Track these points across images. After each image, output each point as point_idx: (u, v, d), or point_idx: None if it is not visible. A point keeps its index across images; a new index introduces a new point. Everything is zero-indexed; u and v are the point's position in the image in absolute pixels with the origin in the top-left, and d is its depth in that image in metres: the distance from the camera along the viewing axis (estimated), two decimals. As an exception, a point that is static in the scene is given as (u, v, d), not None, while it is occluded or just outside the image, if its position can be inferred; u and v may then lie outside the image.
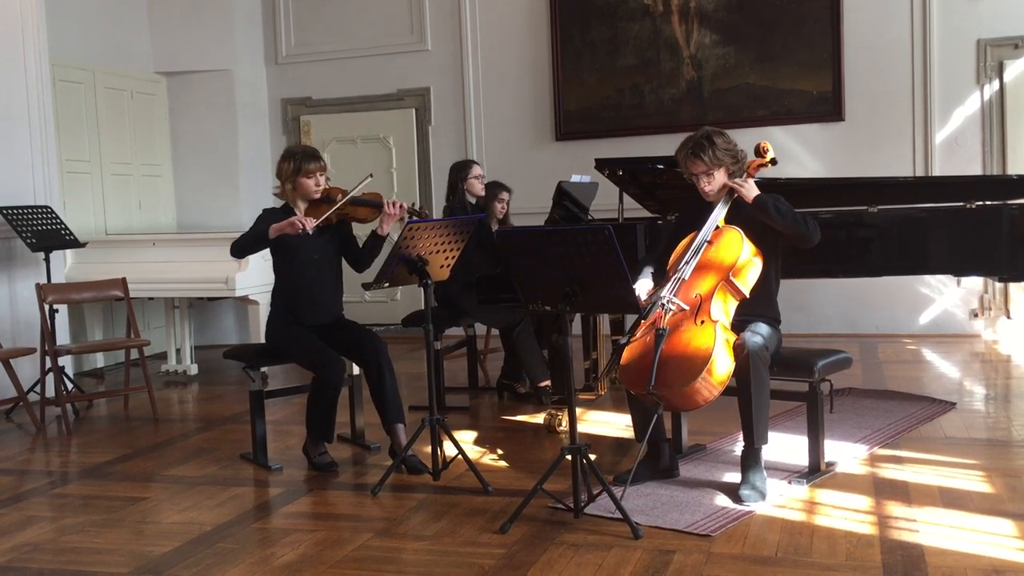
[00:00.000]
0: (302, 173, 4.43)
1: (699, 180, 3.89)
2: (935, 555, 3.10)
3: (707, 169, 3.85)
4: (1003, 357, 6.76)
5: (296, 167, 4.43)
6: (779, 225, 3.77)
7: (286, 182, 4.49)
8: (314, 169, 4.45)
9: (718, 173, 3.86)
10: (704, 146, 3.83)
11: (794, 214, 3.79)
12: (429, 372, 4.22)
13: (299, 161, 4.44)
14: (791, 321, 4.52)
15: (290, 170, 4.45)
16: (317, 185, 4.47)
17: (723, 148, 3.85)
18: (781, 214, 3.76)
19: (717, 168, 3.85)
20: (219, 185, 8.71)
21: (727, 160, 3.85)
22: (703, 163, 3.84)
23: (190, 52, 8.55)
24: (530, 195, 7.43)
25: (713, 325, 3.64)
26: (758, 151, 4.01)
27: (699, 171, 3.87)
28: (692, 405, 3.61)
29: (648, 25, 8.09)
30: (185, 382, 7.13)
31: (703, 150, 3.83)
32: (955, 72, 7.50)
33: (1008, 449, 4.37)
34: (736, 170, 3.90)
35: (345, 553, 3.36)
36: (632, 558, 3.18)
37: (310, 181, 4.45)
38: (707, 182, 3.87)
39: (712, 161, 3.83)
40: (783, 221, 3.76)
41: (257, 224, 4.46)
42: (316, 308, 4.52)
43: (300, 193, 4.49)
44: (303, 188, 4.46)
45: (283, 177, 4.49)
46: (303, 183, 4.45)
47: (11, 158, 6.41)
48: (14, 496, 4.28)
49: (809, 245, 3.82)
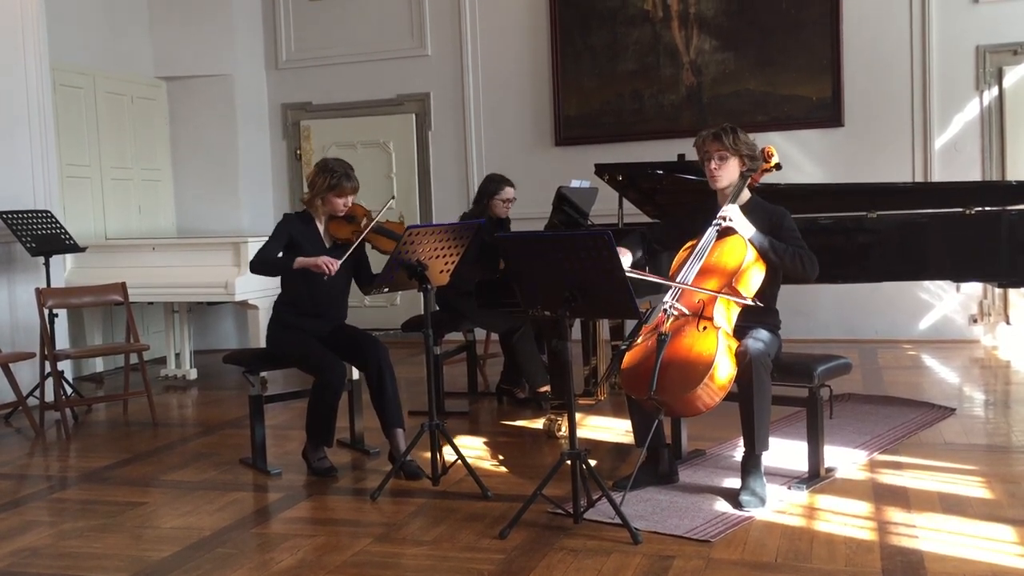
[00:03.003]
0: (335, 192, 4.42)
1: (711, 161, 3.90)
2: (935, 561, 3.10)
3: (722, 151, 3.87)
4: (1003, 363, 6.76)
5: (332, 184, 4.41)
6: (775, 264, 3.81)
7: (316, 195, 4.47)
8: (348, 191, 4.44)
9: (732, 161, 3.89)
10: (727, 131, 3.90)
11: (792, 253, 3.80)
12: (429, 377, 4.22)
13: (337, 179, 4.41)
14: (790, 326, 4.51)
15: (324, 186, 4.43)
16: (346, 205, 4.48)
17: (743, 140, 3.90)
18: (777, 254, 3.79)
19: (733, 155, 3.88)
20: (219, 190, 8.71)
21: (744, 151, 3.89)
22: (721, 144, 3.87)
23: (190, 57, 8.56)
24: (530, 200, 7.43)
25: (715, 331, 3.63)
26: (763, 156, 4.02)
27: (714, 150, 3.88)
28: (693, 411, 3.61)
29: (648, 31, 8.10)
30: (184, 387, 7.12)
31: (725, 133, 3.89)
32: (954, 78, 7.51)
33: (1008, 455, 4.37)
34: (749, 168, 3.92)
35: (344, 558, 3.36)
36: (631, 563, 3.18)
37: (340, 201, 4.45)
38: (718, 165, 3.89)
39: (731, 145, 3.87)
40: (778, 259, 3.80)
41: (276, 234, 4.45)
42: (322, 320, 4.53)
43: (327, 208, 4.49)
44: (332, 206, 4.46)
45: (315, 189, 4.47)
46: (333, 201, 4.45)
47: (11, 162, 6.41)
48: (13, 501, 4.28)
49: (806, 282, 3.87)
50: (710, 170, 3.91)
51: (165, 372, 7.43)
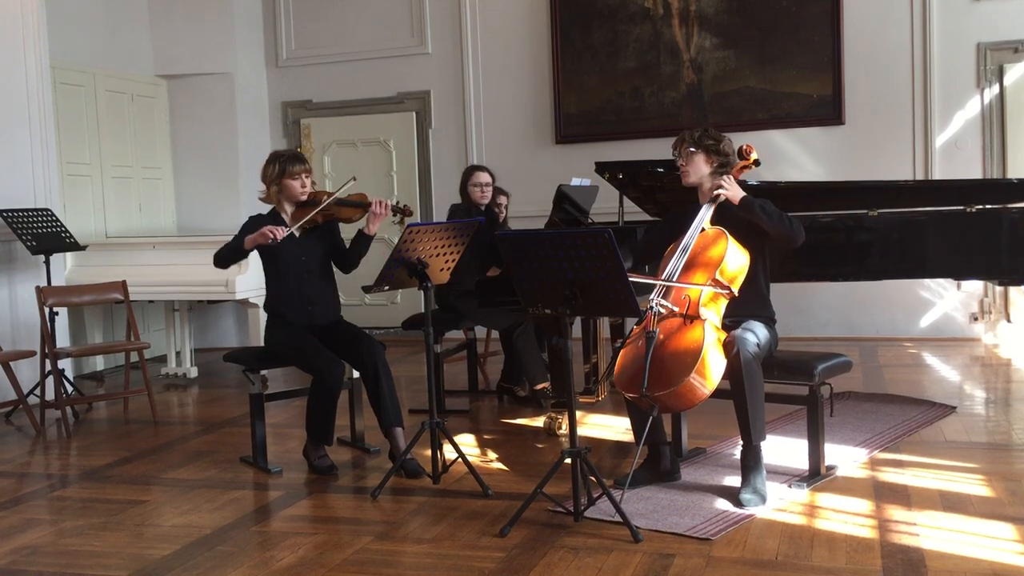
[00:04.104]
0: (287, 175, 4.45)
1: (680, 159, 4.00)
2: (935, 559, 3.10)
3: (687, 147, 3.95)
4: (1003, 361, 6.76)
5: (281, 169, 4.45)
6: (766, 225, 3.81)
7: (271, 185, 4.50)
8: (299, 171, 4.46)
9: (697, 157, 3.95)
10: (693, 131, 4.00)
11: (780, 214, 3.84)
12: (429, 375, 4.22)
13: (284, 163, 4.46)
14: (791, 324, 4.52)
15: (275, 173, 4.46)
16: (303, 187, 4.48)
17: (711, 138, 3.96)
18: (767, 214, 3.81)
19: (698, 151, 3.94)
20: (219, 188, 8.70)
21: (709, 147, 3.94)
22: (684, 141, 3.97)
23: (191, 55, 8.56)
24: (530, 198, 7.44)
25: (702, 323, 3.65)
26: (741, 153, 4.04)
27: (682, 148, 3.98)
28: (686, 404, 3.62)
29: (648, 28, 8.09)
30: (185, 385, 7.12)
31: (691, 133, 3.99)
32: (955, 76, 7.51)
33: (1008, 453, 4.37)
34: (719, 164, 3.95)
35: (344, 556, 3.36)
36: (632, 562, 3.18)
37: (295, 183, 4.46)
38: (684, 161, 3.98)
39: (693, 142, 3.94)
40: (769, 221, 3.80)
41: (240, 232, 4.46)
42: (309, 310, 4.51)
43: (286, 196, 4.50)
44: (289, 190, 4.47)
45: (268, 180, 4.50)
46: (289, 185, 4.46)
47: (11, 161, 6.41)
48: (13, 499, 4.28)
49: (794, 245, 3.88)
50: (681, 168, 4.00)
51: (165, 370, 7.43)
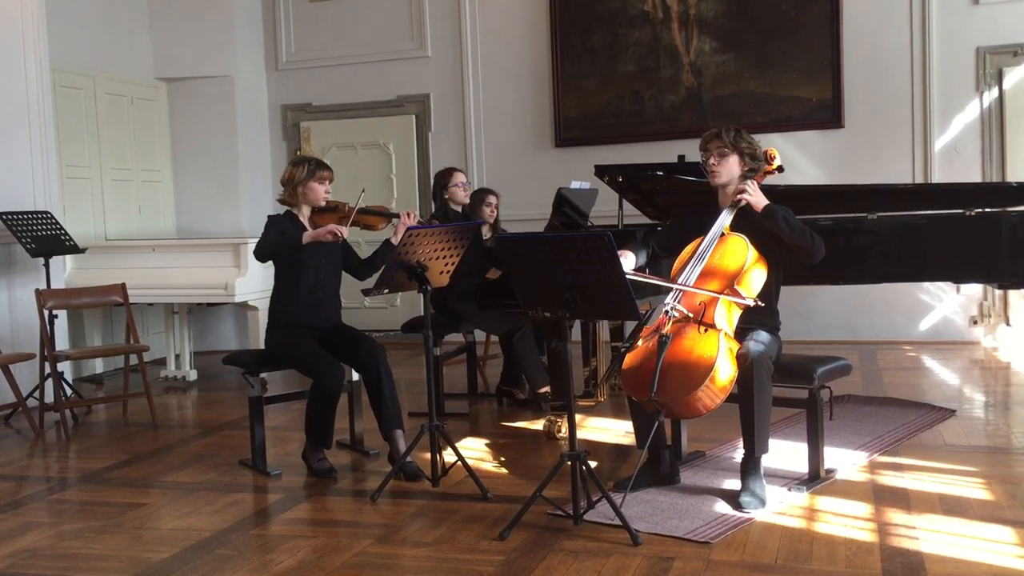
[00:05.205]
0: (316, 178, 4.49)
1: (711, 157, 3.91)
2: (935, 562, 3.10)
3: (721, 147, 3.89)
4: (1003, 364, 6.76)
5: (311, 171, 4.49)
6: (787, 236, 3.78)
7: (298, 186, 4.51)
8: (327, 176, 4.53)
9: (731, 158, 3.89)
10: (729, 129, 3.93)
11: (802, 228, 3.80)
12: (428, 378, 4.22)
13: (315, 167, 4.51)
14: (790, 328, 4.51)
15: (303, 174, 4.49)
16: (326, 192, 4.54)
17: (745, 139, 3.92)
18: (790, 226, 3.77)
19: (732, 152, 3.88)
20: (219, 191, 8.71)
21: (744, 149, 3.89)
22: (720, 140, 3.90)
23: (191, 58, 8.56)
24: (530, 201, 7.44)
25: (716, 333, 3.63)
26: (765, 158, 4.01)
27: (714, 147, 3.90)
28: (694, 413, 3.61)
29: (648, 32, 8.10)
30: (184, 388, 7.12)
31: (726, 131, 3.92)
32: (954, 79, 7.51)
33: (1008, 456, 4.37)
34: (750, 168, 3.92)
35: (344, 559, 3.36)
36: (631, 565, 3.17)
37: (321, 187, 4.51)
38: (717, 161, 3.90)
39: (730, 141, 3.88)
40: (791, 233, 3.77)
41: (269, 231, 4.45)
42: (320, 311, 4.55)
43: (309, 199, 4.52)
44: (314, 193, 4.51)
45: (296, 181, 4.51)
46: (314, 188, 4.50)
47: (11, 163, 6.41)
48: (12, 502, 4.28)
49: (812, 260, 3.84)
50: (709, 166, 3.93)
51: (165, 373, 7.43)
